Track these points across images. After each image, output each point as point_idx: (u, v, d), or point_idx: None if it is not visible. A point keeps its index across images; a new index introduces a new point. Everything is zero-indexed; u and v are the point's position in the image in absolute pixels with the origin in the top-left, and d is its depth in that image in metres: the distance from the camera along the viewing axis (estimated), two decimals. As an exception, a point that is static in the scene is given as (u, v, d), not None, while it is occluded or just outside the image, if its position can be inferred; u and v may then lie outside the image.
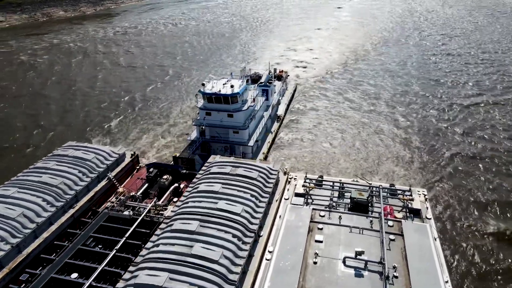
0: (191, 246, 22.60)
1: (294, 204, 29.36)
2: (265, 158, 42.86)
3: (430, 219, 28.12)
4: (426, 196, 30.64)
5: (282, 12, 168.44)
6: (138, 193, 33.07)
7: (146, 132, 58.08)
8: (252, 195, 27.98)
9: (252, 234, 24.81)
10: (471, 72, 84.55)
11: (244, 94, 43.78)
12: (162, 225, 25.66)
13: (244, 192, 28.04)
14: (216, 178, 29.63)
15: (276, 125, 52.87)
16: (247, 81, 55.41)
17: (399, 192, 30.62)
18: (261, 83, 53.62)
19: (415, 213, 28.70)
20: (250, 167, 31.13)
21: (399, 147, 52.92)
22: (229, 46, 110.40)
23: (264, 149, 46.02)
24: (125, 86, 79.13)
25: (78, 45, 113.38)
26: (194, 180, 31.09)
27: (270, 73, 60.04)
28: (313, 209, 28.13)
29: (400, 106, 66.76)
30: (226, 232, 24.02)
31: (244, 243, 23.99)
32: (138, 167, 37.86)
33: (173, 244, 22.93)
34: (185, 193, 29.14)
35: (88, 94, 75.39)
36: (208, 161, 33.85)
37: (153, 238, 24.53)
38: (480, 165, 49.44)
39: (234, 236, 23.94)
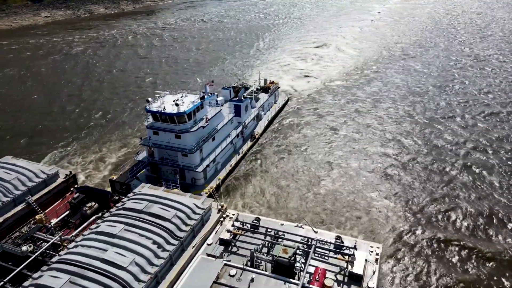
0: (43, 311, 18.53)
1: (208, 255, 24.54)
2: (217, 187, 37.74)
3: (372, 288, 22.28)
4: (378, 256, 24.63)
5: (318, 9, 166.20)
6: (54, 222, 29.49)
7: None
8: (155, 242, 23.50)
9: (133, 297, 20.34)
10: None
11: (199, 113, 39.02)
12: (36, 274, 21.74)
13: (147, 238, 23.65)
14: (124, 216, 25.42)
15: (248, 144, 47.32)
16: (234, 92, 50.93)
17: (344, 248, 24.81)
18: (236, 97, 48.68)
19: (356, 279, 22.92)
20: (169, 203, 26.66)
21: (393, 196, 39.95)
22: (248, 46, 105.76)
23: (223, 173, 40.94)
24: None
25: (111, 40, 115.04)
26: (106, 214, 27.10)
27: (253, 86, 54.99)
28: (226, 264, 23.20)
29: (411, 149, 49.70)
30: (97, 293, 19.72)
31: (116, 308, 19.57)
32: (72, 190, 34.43)
33: (25, 306, 18.96)
34: (85, 232, 25.13)
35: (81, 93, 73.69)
36: (134, 190, 29.81)
37: (18, 291, 20.72)
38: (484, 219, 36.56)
39: (104, 299, 19.59)
